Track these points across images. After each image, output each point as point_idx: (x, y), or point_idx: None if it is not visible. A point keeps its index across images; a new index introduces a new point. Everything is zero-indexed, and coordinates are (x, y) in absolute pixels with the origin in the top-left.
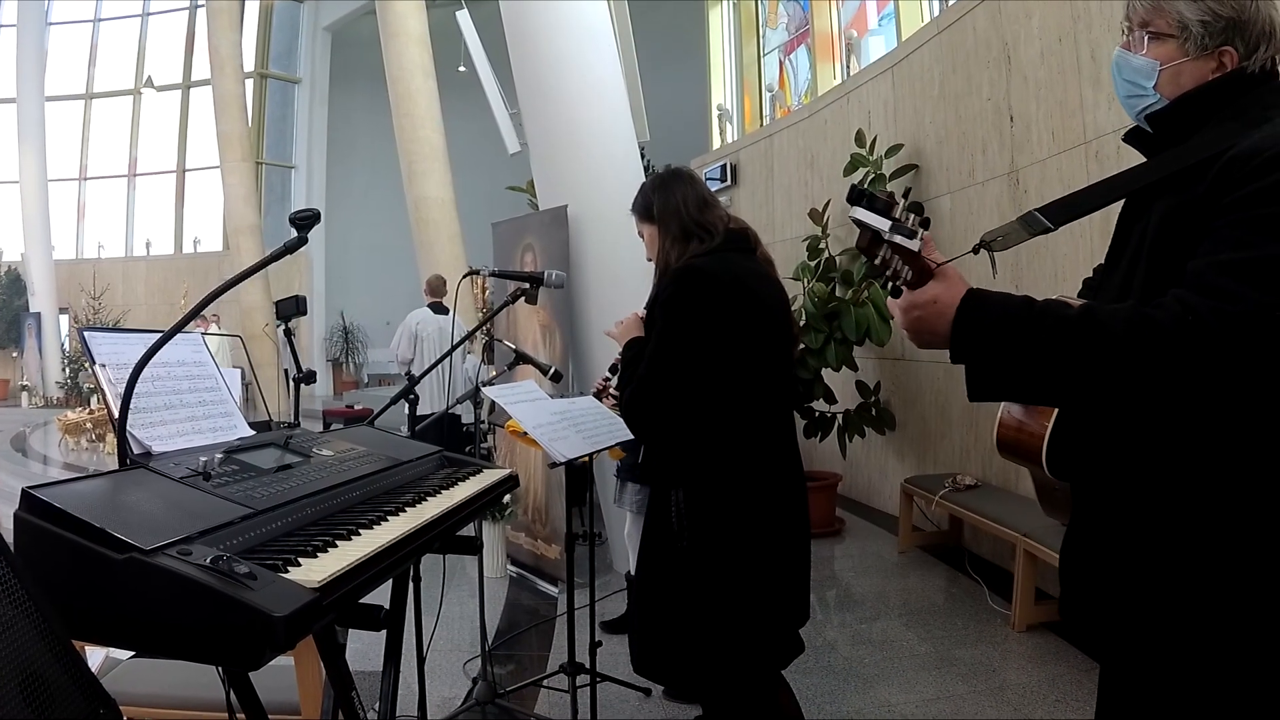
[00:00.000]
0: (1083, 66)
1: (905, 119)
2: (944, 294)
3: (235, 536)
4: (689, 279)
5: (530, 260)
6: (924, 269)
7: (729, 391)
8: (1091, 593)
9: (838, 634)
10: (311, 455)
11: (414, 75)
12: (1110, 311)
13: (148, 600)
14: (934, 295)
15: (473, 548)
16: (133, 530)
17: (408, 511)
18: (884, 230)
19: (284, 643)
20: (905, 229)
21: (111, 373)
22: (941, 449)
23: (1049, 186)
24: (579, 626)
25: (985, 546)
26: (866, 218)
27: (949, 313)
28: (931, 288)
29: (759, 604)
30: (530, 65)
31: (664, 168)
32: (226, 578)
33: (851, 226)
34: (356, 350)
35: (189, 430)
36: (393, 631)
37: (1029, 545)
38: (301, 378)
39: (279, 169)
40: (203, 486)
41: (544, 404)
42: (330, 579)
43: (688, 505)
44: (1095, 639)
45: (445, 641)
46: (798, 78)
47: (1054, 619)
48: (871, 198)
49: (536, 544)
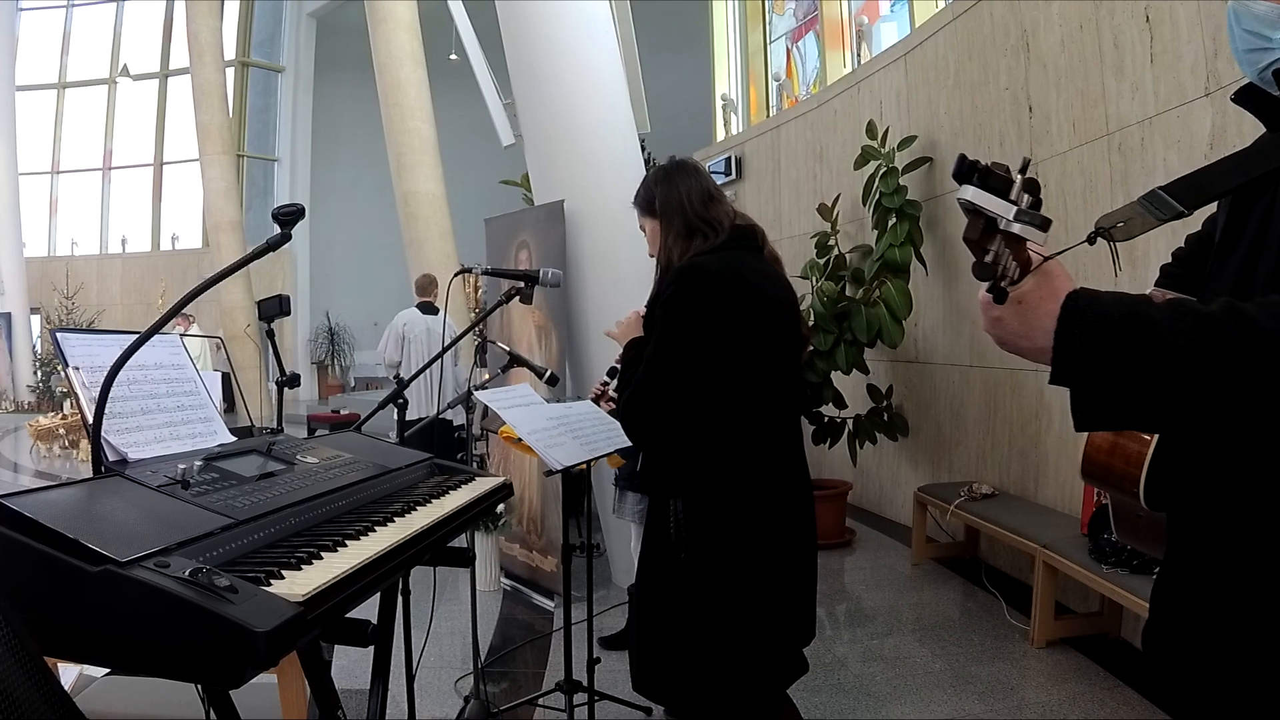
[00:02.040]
0: (1105, 54)
1: (919, 109)
2: (1033, 295)
3: (215, 548)
4: (691, 277)
5: (525, 258)
6: (1026, 261)
7: (731, 396)
8: (1185, 637)
9: (848, 650)
10: (295, 462)
11: (403, 63)
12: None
13: (123, 615)
14: (1020, 295)
15: (464, 560)
16: (107, 541)
17: (396, 522)
18: (1005, 218)
19: (266, 659)
20: (1033, 217)
21: (85, 376)
22: (957, 456)
23: (1070, 181)
24: (576, 642)
25: (1003, 558)
26: (983, 201)
27: (1046, 319)
28: (1024, 285)
29: (761, 620)
30: (525, 53)
31: (667, 159)
32: (206, 591)
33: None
34: (342, 352)
35: (167, 436)
36: (381, 647)
37: (1048, 557)
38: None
39: (261, 162)
40: (181, 495)
41: (539, 409)
42: (315, 592)
43: (687, 515)
44: (1181, 684)
45: (436, 658)
46: (806, 66)
47: (1075, 634)
48: (986, 173)
49: (532, 556)
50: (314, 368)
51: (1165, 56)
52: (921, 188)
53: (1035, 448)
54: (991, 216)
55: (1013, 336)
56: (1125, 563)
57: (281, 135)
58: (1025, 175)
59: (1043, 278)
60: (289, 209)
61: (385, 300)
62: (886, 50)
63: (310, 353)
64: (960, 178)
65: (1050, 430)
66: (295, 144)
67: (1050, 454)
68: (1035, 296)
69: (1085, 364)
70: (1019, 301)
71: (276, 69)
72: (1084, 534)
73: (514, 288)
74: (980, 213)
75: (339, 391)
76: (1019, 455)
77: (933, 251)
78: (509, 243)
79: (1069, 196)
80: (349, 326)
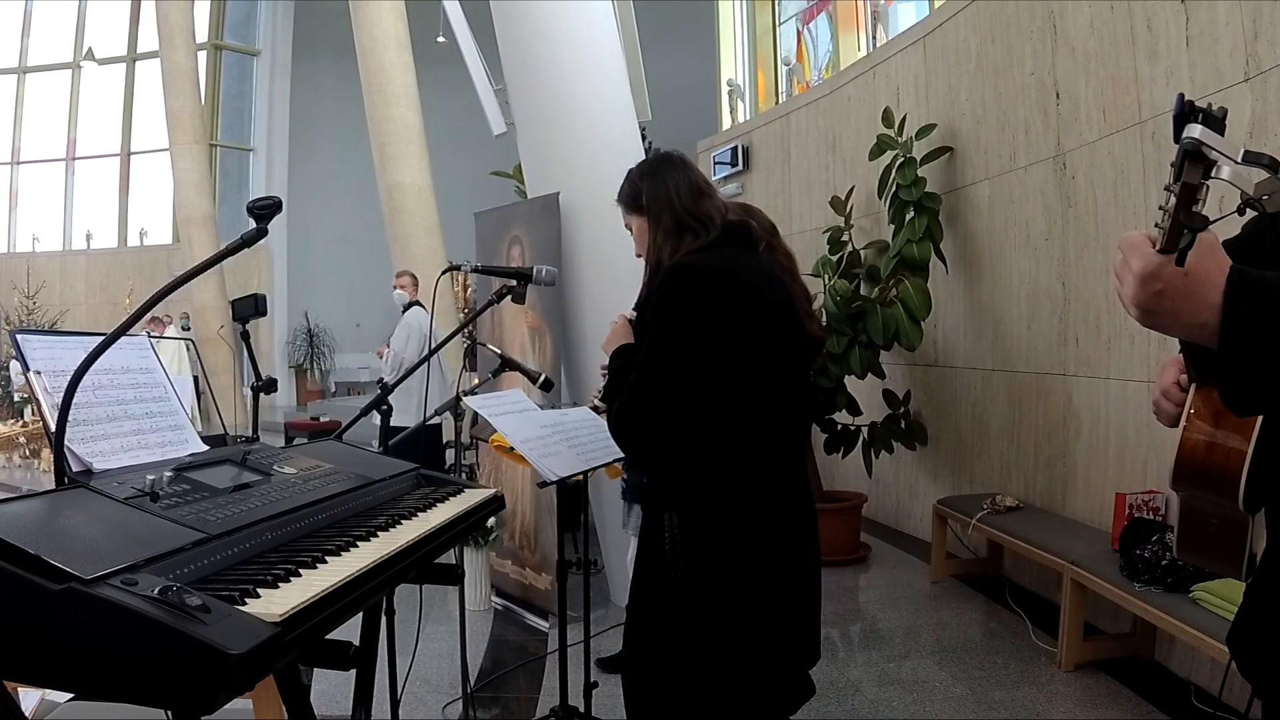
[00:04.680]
0: (1137, 37)
1: (938, 96)
2: (1199, 266)
3: (186, 564)
4: (684, 277)
5: (517, 254)
6: (1206, 217)
7: (729, 403)
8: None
9: (862, 674)
10: (272, 473)
11: (387, 46)
12: None
13: (88, 636)
14: (1196, 265)
15: (453, 577)
16: (71, 557)
17: (380, 536)
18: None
19: (241, 683)
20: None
21: (47, 380)
22: (979, 466)
23: (1100, 171)
24: (572, 665)
25: (1028, 576)
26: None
27: (1214, 293)
28: None
29: (762, 641)
30: (518, 35)
31: (652, 151)
32: (176, 610)
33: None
34: (322, 355)
35: (134, 445)
36: (363, 671)
37: (1077, 574)
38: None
39: (235, 152)
40: (150, 508)
41: (533, 416)
42: (293, 612)
43: (683, 531)
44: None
45: (422, 682)
46: (818, 50)
47: (1105, 657)
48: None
49: (525, 573)
50: (292, 372)
51: (1202, 39)
52: (941, 179)
53: (1063, 457)
54: (1213, 160)
55: (1170, 310)
56: (1159, 580)
57: (257, 123)
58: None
59: (1205, 248)
60: (265, 202)
61: (368, 300)
62: (904, 33)
63: (288, 356)
64: (1182, 118)
65: (1079, 438)
66: (272, 133)
67: (1079, 464)
68: (1202, 267)
69: (1257, 338)
70: (1185, 273)
71: (252, 52)
72: (1115, 549)
73: (505, 286)
74: (1202, 156)
75: (319, 397)
76: (1046, 465)
77: (953, 248)
78: (500, 238)
79: (1099, 189)
80: (329, 328)
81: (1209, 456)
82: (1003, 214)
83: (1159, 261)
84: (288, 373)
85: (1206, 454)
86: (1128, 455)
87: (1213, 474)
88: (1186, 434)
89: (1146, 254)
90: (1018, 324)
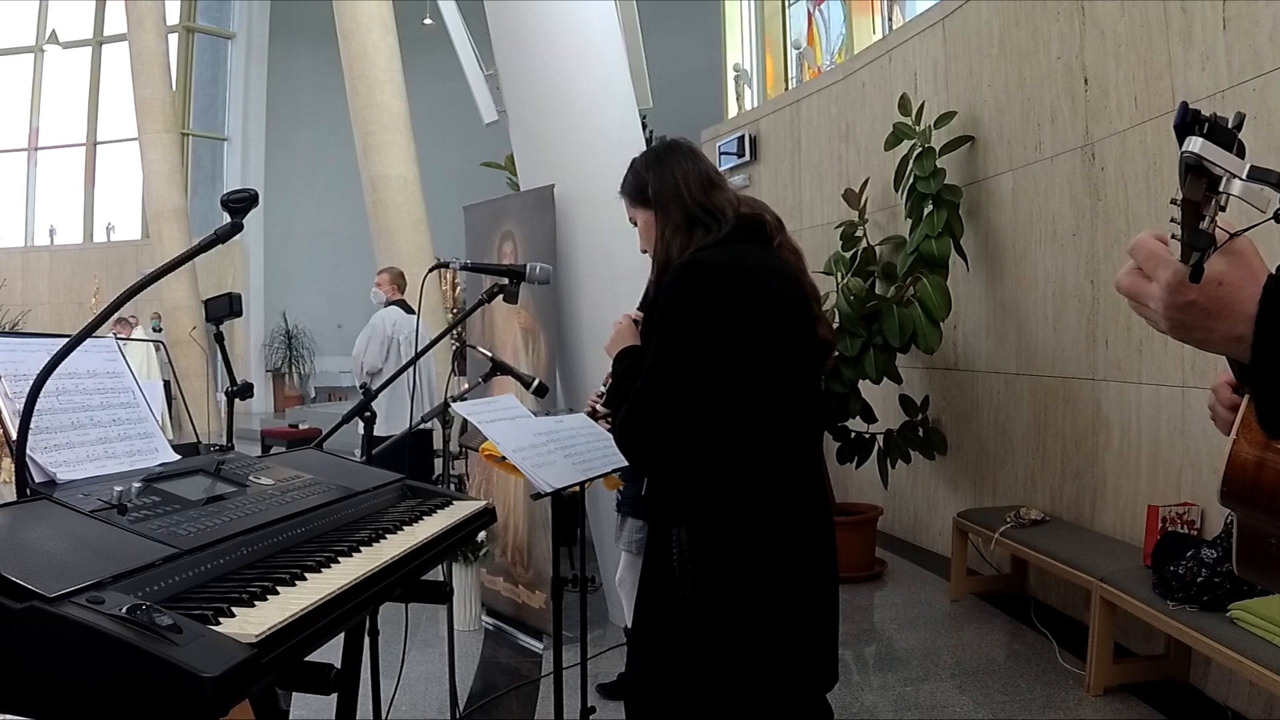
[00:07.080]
0: (1171, 20)
1: (958, 82)
2: (1233, 276)
3: (156, 581)
4: (696, 275)
5: (510, 251)
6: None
7: (743, 409)
8: None
9: (878, 698)
10: (248, 484)
11: (370, 29)
12: None
13: (52, 657)
14: (1219, 275)
15: (441, 595)
16: (33, 574)
17: (363, 552)
18: (1238, 176)
19: (215, 708)
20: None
21: (8, 385)
22: (1002, 477)
23: (1131, 162)
24: (568, 689)
25: (1054, 594)
26: (1215, 155)
27: (1249, 304)
28: (1215, 263)
29: (776, 663)
30: (510, 17)
31: (657, 140)
32: (146, 631)
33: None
34: (301, 359)
35: (101, 454)
36: (345, 695)
37: (1107, 592)
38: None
39: (209, 141)
40: (118, 522)
41: (526, 423)
42: (270, 632)
43: (691, 546)
44: None
45: (408, 707)
46: (830, 32)
47: (1137, 680)
48: (1212, 125)
49: (517, 590)
50: (269, 376)
51: (1239, 21)
52: (962, 171)
53: (1091, 467)
54: (1218, 175)
55: (1202, 324)
56: (1194, 598)
57: (232, 111)
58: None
59: (1238, 257)
60: (241, 195)
61: (350, 299)
62: (922, 14)
63: (265, 359)
64: (1184, 129)
65: (1109, 447)
66: (248, 121)
67: (1109, 474)
68: (1235, 277)
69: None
70: (1219, 283)
71: (226, 35)
72: (1147, 566)
73: (497, 285)
74: (1205, 170)
75: (297, 403)
76: (1073, 476)
77: (974, 244)
78: (491, 233)
79: (1130, 180)
80: (309, 329)
81: (1260, 473)
82: (1027, 207)
83: (1180, 278)
84: (264, 377)
85: (1258, 470)
86: (1160, 465)
87: (1264, 490)
88: (1235, 447)
89: (1173, 261)
90: (1043, 325)
